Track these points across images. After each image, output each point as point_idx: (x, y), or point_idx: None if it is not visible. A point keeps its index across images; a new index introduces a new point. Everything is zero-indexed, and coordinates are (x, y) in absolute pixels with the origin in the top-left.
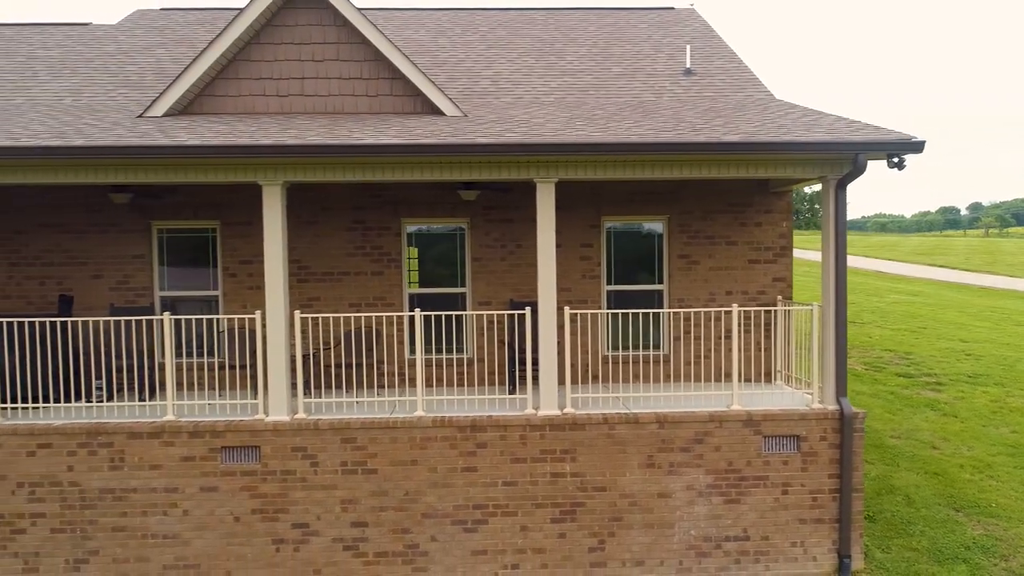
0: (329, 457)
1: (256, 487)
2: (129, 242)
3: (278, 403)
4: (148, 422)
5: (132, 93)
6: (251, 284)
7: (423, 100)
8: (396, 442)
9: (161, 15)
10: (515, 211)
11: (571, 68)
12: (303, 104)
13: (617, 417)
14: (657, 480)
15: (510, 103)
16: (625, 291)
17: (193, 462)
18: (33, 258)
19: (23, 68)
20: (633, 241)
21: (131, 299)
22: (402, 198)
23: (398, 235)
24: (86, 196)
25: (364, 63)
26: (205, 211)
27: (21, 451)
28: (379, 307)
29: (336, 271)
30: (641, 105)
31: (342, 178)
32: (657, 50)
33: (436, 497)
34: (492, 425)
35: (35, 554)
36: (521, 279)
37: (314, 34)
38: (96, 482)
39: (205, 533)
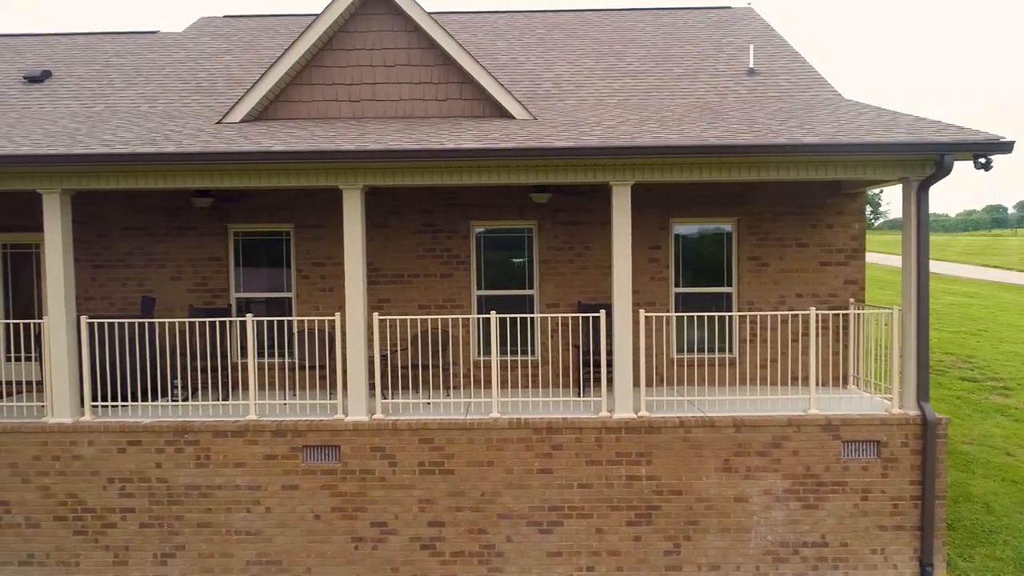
0: (407, 457)
1: (336, 486)
2: (207, 245)
3: (357, 404)
4: (232, 421)
5: (205, 99)
6: (323, 286)
7: (492, 103)
8: (473, 443)
9: (225, 22)
10: (583, 213)
11: (632, 69)
12: (374, 109)
13: (693, 420)
14: (734, 484)
15: (574, 105)
16: (693, 293)
17: (275, 460)
18: (116, 260)
19: (100, 76)
20: (701, 243)
21: (209, 300)
22: (471, 201)
23: (467, 237)
24: (166, 200)
25: (434, 67)
26: (280, 214)
27: (112, 448)
28: (448, 309)
29: (406, 273)
30: (708, 106)
31: (419, 182)
32: (718, 50)
33: (512, 498)
34: (567, 427)
35: (125, 548)
36: (589, 281)
37: (385, 40)
38: (183, 479)
39: (286, 530)
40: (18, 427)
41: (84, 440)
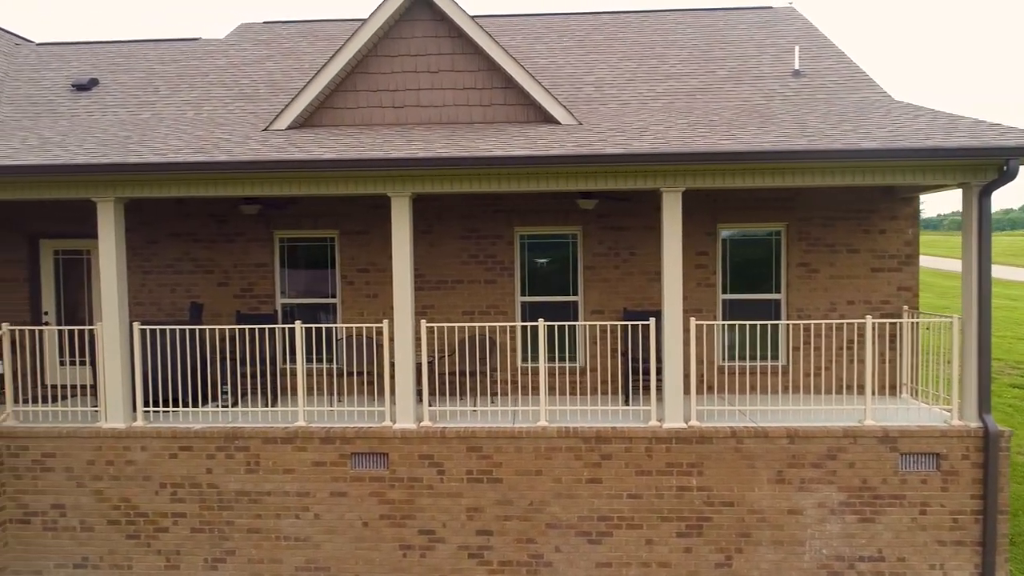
0: (455, 465)
1: (384, 493)
2: (253, 251)
3: (405, 411)
4: (281, 427)
5: (248, 106)
6: (368, 292)
7: (536, 108)
8: (521, 452)
9: (265, 28)
10: (628, 218)
11: (674, 72)
12: (418, 115)
13: (745, 431)
14: (787, 496)
15: (618, 109)
16: (741, 300)
17: (324, 467)
18: (164, 266)
19: (144, 84)
20: (749, 249)
21: (254, 306)
22: (515, 207)
23: (511, 243)
24: (214, 207)
25: (478, 73)
26: (325, 221)
27: (164, 453)
28: (491, 315)
29: (450, 279)
30: (755, 109)
31: (468, 189)
32: (761, 51)
33: (560, 508)
34: (617, 437)
35: (176, 552)
36: (634, 287)
37: (430, 46)
38: (233, 484)
39: (335, 537)
40: (73, 432)
41: (137, 445)
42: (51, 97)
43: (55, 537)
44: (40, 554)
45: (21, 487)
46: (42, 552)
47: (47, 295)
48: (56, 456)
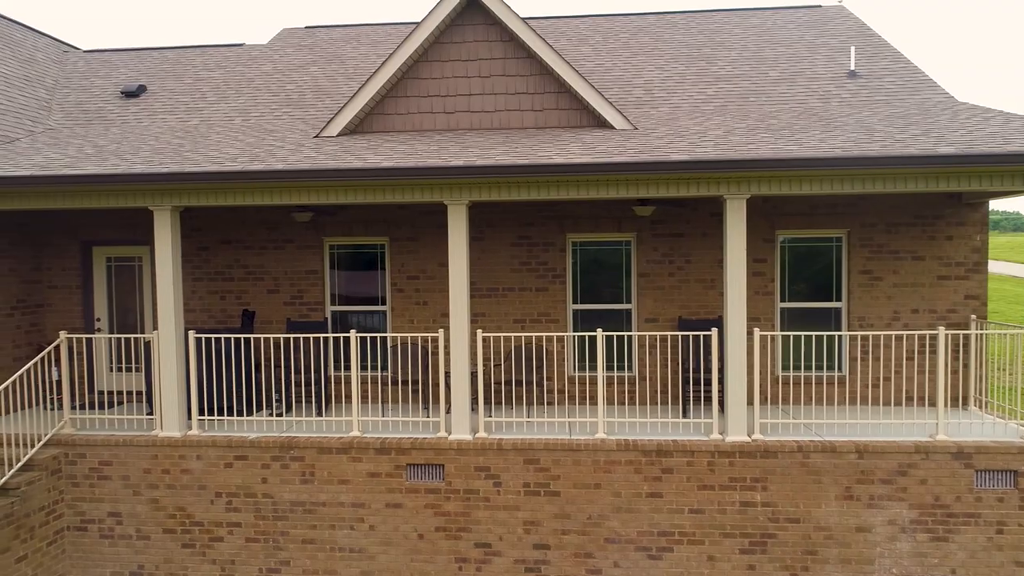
0: (512, 478)
1: (440, 505)
2: (303, 258)
3: (460, 422)
4: (336, 438)
5: (295, 111)
6: (418, 299)
7: (589, 113)
8: (579, 464)
9: (308, 33)
10: (684, 225)
11: (725, 74)
12: (469, 120)
13: (812, 445)
14: (855, 513)
15: (670, 113)
16: (800, 308)
17: (379, 478)
18: (215, 273)
19: (192, 90)
20: (809, 256)
21: (304, 313)
22: (568, 213)
23: (563, 250)
24: (264, 214)
25: (530, 77)
26: (375, 228)
27: (220, 462)
28: (543, 323)
29: (501, 287)
30: (813, 112)
31: (525, 197)
32: (813, 51)
33: (620, 522)
34: (678, 450)
35: (231, 562)
36: (690, 296)
37: (481, 50)
38: (288, 494)
39: (390, 549)
40: (130, 440)
41: (192, 454)
42: (101, 104)
43: (112, 545)
44: (97, 562)
45: (79, 495)
46: (99, 560)
47: (99, 301)
48: (113, 464)
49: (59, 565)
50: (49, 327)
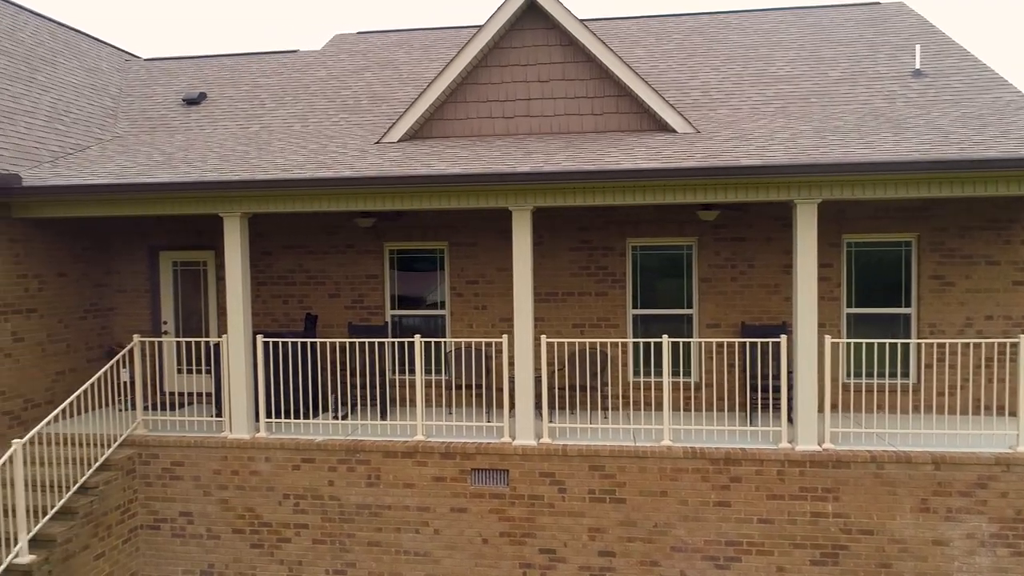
0: (577, 484)
1: (504, 510)
2: (364, 263)
3: (525, 427)
4: (401, 442)
5: (352, 117)
6: (476, 304)
7: (650, 117)
8: (645, 472)
9: (360, 39)
10: (746, 229)
11: (784, 74)
12: (528, 125)
13: (886, 455)
14: (932, 526)
15: (729, 115)
16: (867, 314)
17: (444, 483)
18: (278, 278)
19: (250, 97)
20: (877, 260)
21: (364, 317)
22: (628, 217)
23: (623, 255)
24: (326, 219)
25: (589, 81)
26: (434, 233)
27: (287, 464)
28: (602, 328)
29: (560, 291)
30: (880, 113)
31: (592, 202)
32: (874, 50)
33: (686, 531)
34: (747, 459)
35: (298, 563)
36: (753, 301)
37: (540, 55)
38: (354, 497)
39: (454, 553)
40: (201, 441)
41: (261, 456)
42: (164, 112)
43: (183, 544)
44: (169, 560)
45: (151, 494)
46: (171, 558)
47: (165, 305)
48: (184, 465)
49: (133, 562)
50: (118, 330)
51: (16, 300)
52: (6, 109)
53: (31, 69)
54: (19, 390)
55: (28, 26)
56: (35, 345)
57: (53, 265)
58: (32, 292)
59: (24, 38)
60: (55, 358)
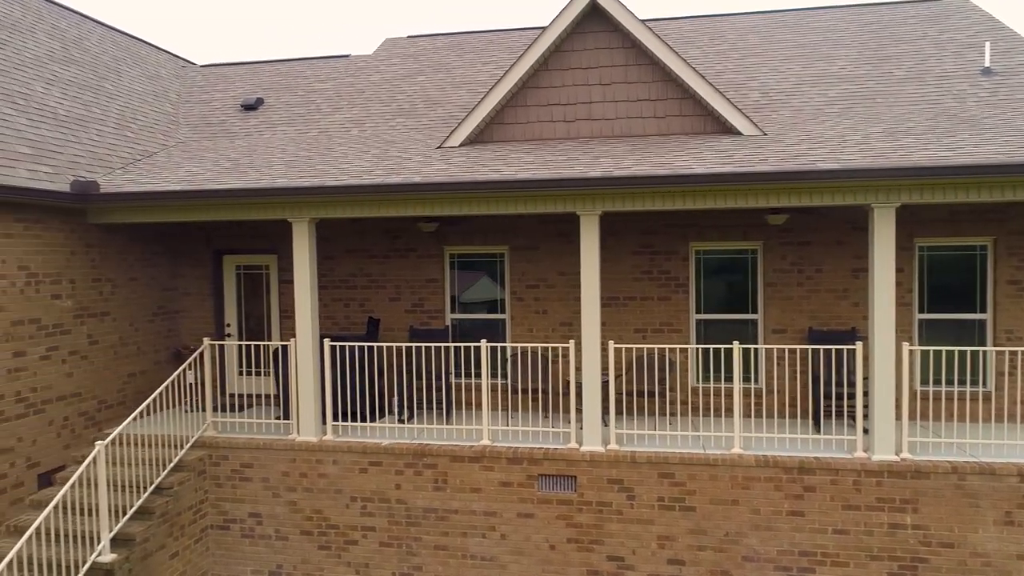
0: (646, 491)
1: (572, 517)
2: (424, 267)
3: (592, 434)
4: (468, 446)
5: (408, 121)
6: (537, 308)
7: (714, 119)
8: (716, 480)
9: (410, 42)
10: (813, 233)
11: (846, 74)
12: (589, 128)
13: (968, 467)
14: (1017, 540)
15: (791, 116)
16: (939, 320)
17: (511, 488)
18: (339, 281)
19: (306, 102)
20: (950, 265)
21: (425, 321)
22: (691, 221)
23: (686, 259)
24: (387, 224)
25: (652, 84)
26: (495, 237)
27: (355, 468)
28: (665, 333)
29: (621, 296)
30: (951, 114)
31: (660, 206)
32: (939, 48)
33: (758, 540)
34: (821, 468)
35: (365, 565)
36: (820, 306)
37: (602, 57)
38: (421, 501)
39: (521, 559)
40: (269, 444)
41: (329, 459)
42: (223, 118)
43: (252, 544)
44: (238, 560)
45: (221, 495)
46: (240, 558)
47: (229, 308)
48: (253, 467)
49: (204, 562)
50: (184, 332)
51: (91, 303)
52: (80, 117)
53: (99, 77)
54: (94, 391)
55: (93, 35)
56: (108, 347)
57: (124, 269)
58: (106, 296)
59: (90, 47)
60: (126, 360)
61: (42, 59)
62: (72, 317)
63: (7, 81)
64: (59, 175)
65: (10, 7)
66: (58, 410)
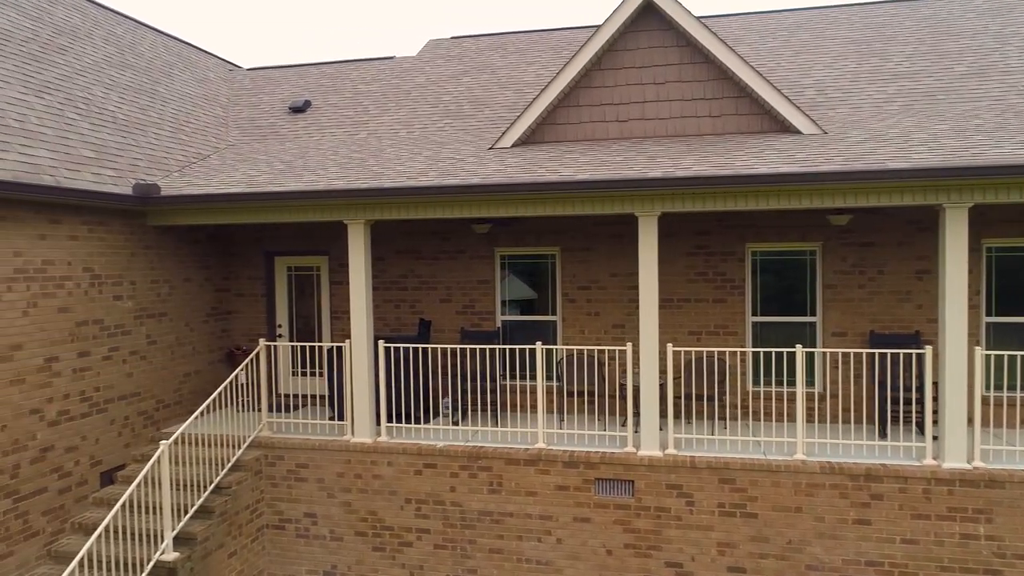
0: (706, 497)
1: (629, 522)
2: (475, 268)
3: (650, 438)
4: (523, 449)
5: (456, 122)
6: (589, 310)
7: (772, 118)
8: (778, 486)
9: (454, 43)
10: (875, 233)
11: (903, 70)
12: (643, 128)
13: None
14: None
15: (850, 114)
16: (1008, 324)
17: (567, 492)
18: (390, 283)
19: (353, 103)
20: (1021, 266)
21: (475, 323)
22: (748, 222)
23: (742, 260)
24: (438, 225)
25: (707, 82)
26: (547, 238)
27: (410, 469)
28: (720, 336)
29: (675, 297)
30: (1019, 110)
31: (721, 207)
32: (1002, 42)
33: (822, 549)
34: (889, 476)
35: (419, 567)
36: (883, 308)
37: (656, 57)
38: (476, 504)
39: (577, 563)
40: (324, 445)
41: (383, 460)
42: (271, 120)
43: (307, 544)
44: (293, 560)
45: (277, 495)
46: (295, 558)
47: (280, 309)
48: (309, 467)
49: (260, 561)
50: (236, 333)
51: (150, 304)
52: (137, 121)
53: (152, 81)
54: (152, 391)
55: (145, 40)
56: (166, 348)
57: (180, 271)
58: (163, 296)
59: (143, 51)
60: (182, 360)
61: (100, 64)
62: (132, 318)
63: (69, 86)
64: (121, 178)
65: (70, 13)
66: (119, 409)
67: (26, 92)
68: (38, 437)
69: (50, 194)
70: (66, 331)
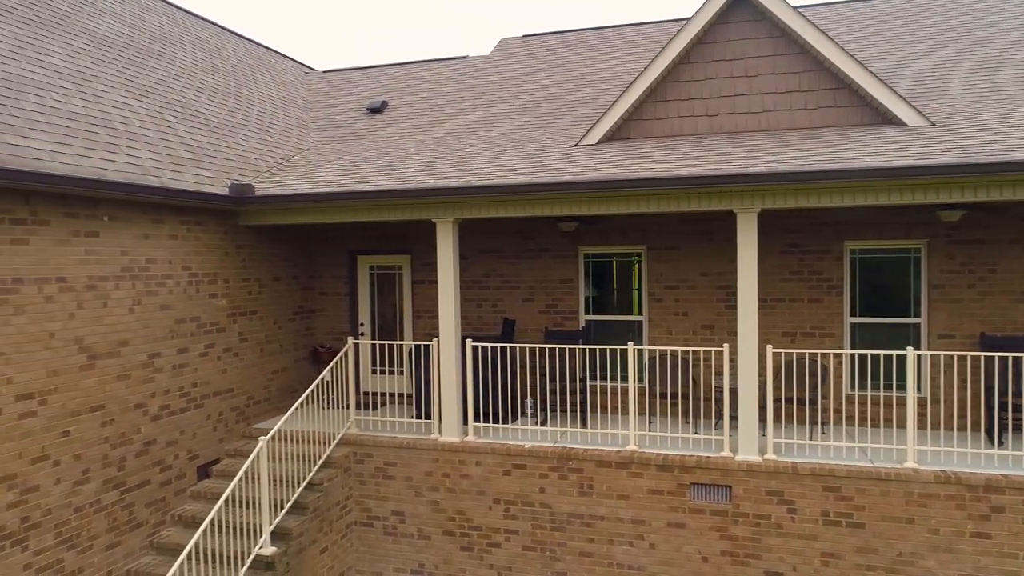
0: (808, 505)
1: (726, 528)
2: (557, 267)
3: (748, 442)
4: (615, 451)
5: (534, 120)
6: (676, 310)
7: (872, 110)
8: (887, 496)
9: (525, 42)
10: (986, 230)
11: (1008, 58)
12: (732, 123)
13: None
14: None
15: (954, 104)
16: None
17: (661, 496)
18: (472, 282)
19: (429, 103)
20: None
21: (558, 322)
22: (845, 219)
23: (839, 259)
24: (520, 224)
25: (802, 74)
26: (632, 236)
27: (498, 470)
28: (816, 337)
29: (769, 297)
30: None
31: (826, 203)
32: None
33: (936, 562)
34: (1011, 487)
35: (508, 568)
36: (994, 309)
37: (748, 48)
38: (566, 506)
39: (671, 569)
40: (412, 443)
41: (472, 460)
42: (350, 121)
43: (395, 542)
44: (381, 557)
45: (365, 492)
46: (383, 556)
47: (363, 307)
48: (397, 465)
49: (349, 557)
50: (319, 331)
51: (243, 302)
52: (227, 123)
53: (238, 84)
54: (244, 387)
55: (229, 45)
56: (256, 345)
57: (269, 269)
58: (254, 295)
59: (228, 56)
60: (271, 357)
61: (191, 68)
62: (226, 315)
63: (165, 89)
64: (217, 178)
65: (161, 20)
66: (214, 405)
67: (127, 96)
68: (142, 431)
69: (156, 194)
70: (167, 328)
